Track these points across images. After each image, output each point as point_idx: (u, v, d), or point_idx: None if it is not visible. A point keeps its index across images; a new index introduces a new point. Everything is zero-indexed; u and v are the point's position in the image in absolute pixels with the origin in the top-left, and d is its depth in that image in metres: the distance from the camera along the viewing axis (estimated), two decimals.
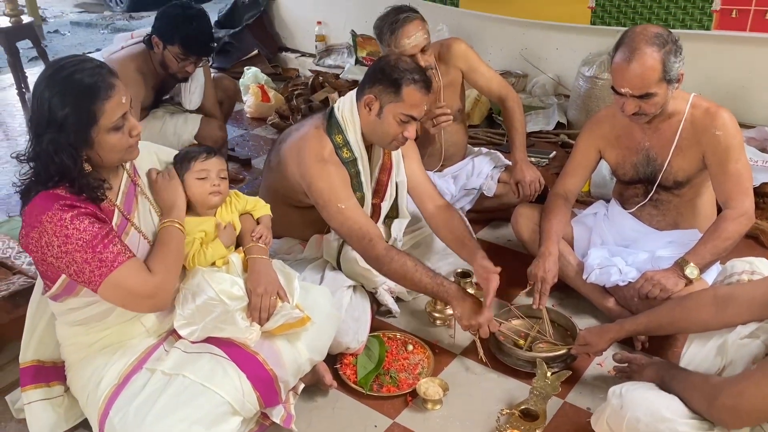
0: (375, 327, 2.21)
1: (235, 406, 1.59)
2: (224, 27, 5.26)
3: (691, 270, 1.98)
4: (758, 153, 3.06)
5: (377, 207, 2.24)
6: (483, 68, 2.76)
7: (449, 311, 2.23)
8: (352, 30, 4.77)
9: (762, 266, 1.71)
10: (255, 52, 5.13)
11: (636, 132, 2.17)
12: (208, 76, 3.21)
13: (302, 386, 1.91)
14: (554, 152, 3.49)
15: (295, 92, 4.41)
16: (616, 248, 2.25)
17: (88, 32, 7.20)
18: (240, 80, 4.56)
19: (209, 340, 1.68)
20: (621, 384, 1.56)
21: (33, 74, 4.50)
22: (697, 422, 1.40)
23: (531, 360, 2.01)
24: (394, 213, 2.33)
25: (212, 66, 5.21)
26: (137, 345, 1.67)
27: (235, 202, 1.85)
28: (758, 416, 1.34)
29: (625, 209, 2.31)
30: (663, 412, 1.42)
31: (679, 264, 2.00)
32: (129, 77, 2.83)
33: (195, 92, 3.14)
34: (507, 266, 2.53)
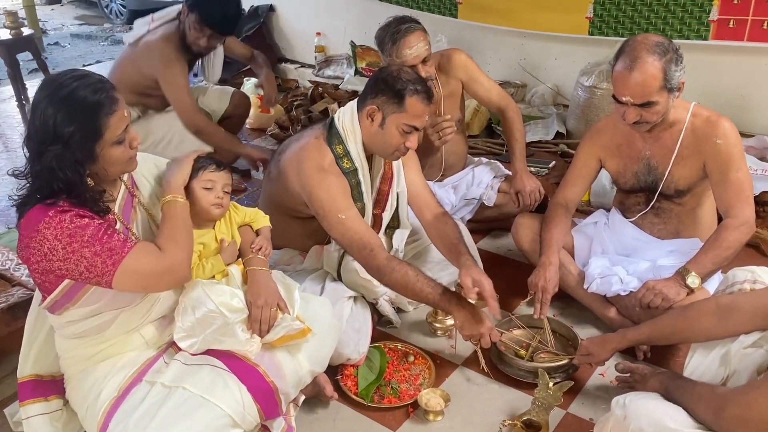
0: (376, 338, 2.20)
1: (236, 419, 1.57)
2: None
3: (693, 279, 1.97)
4: (757, 162, 3.06)
5: (378, 217, 2.24)
6: (483, 79, 2.77)
7: (450, 322, 2.22)
8: (352, 41, 4.79)
9: (764, 275, 1.70)
10: None
11: (637, 141, 2.17)
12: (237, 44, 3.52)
13: (303, 398, 1.90)
14: (554, 162, 3.49)
15: (295, 103, 4.42)
16: (617, 257, 2.25)
17: (89, 44, 7.23)
18: None
19: (209, 352, 1.67)
20: (624, 394, 1.55)
21: (33, 86, 4.52)
22: None
23: (533, 370, 2.00)
24: (396, 223, 2.32)
25: None
26: (137, 357, 1.66)
27: (234, 215, 1.84)
28: (765, 426, 1.32)
29: (626, 218, 2.31)
30: (667, 422, 1.40)
31: (681, 273, 2.00)
32: (170, 57, 3.04)
33: (216, 66, 3.36)
34: (507, 276, 2.54)
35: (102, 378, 1.61)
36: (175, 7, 3.15)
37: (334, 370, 2.04)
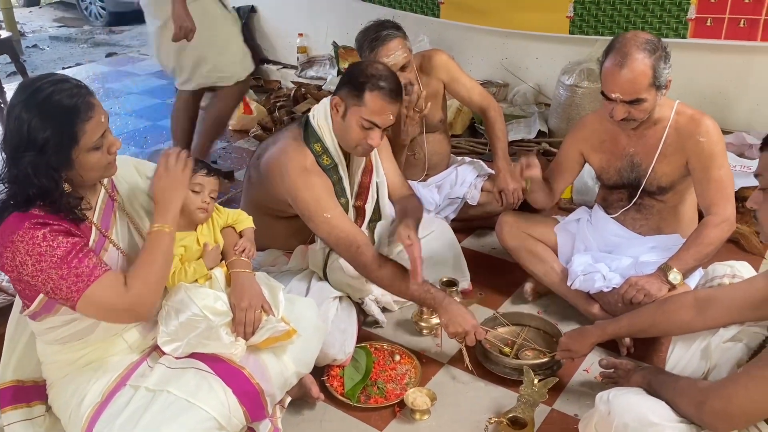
0: (362, 338, 2.20)
1: (221, 422, 1.57)
2: None
3: (675, 275, 1.99)
4: (736, 158, 3.10)
5: (361, 209, 2.23)
6: (464, 79, 2.78)
7: (435, 320, 2.23)
8: (334, 41, 4.78)
9: (743, 270, 1.72)
10: None
11: (621, 137, 2.19)
12: None
13: (289, 399, 1.89)
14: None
15: (278, 104, 4.40)
16: (600, 254, 2.27)
17: (68, 47, 7.14)
18: None
19: (194, 355, 1.66)
20: (608, 390, 1.56)
21: (11, 89, 4.45)
22: (685, 426, 1.40)
23: (518, 368, 2.01)
24: (378, 216, 2.32)
25: None
26: (120, 361, 1.64)
27: (217, 217, 1.83)
28: (747, 419, 1.34)
29: (609, 214, 2.33)
30: (650, 417, 1.42)
31: (663, 269, 2.02)
32: None
33: None
34: (492, 274, 2.56)
35: (85, 383, 1.59)
36: None
37: (320, 371, 2.04)
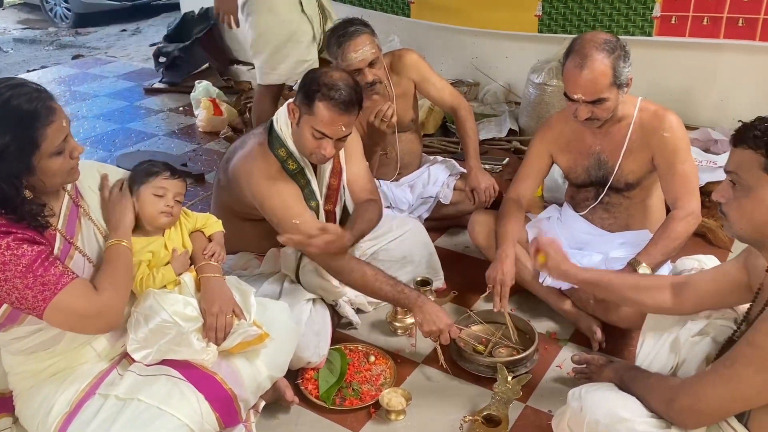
0: (336, 339, 2.19)
1: (194, 429, 1.54)
2: (174, 41, 5.16)
3: (644, 270, 2.02)
4: (702, 153, 3.16)
5: (331, 213, 2.21)
6: (435, 78, 2.78)
7: (410, 320, 2.23)
8: None
9: (710, 264, 1.76)
10: (206, 66, 5.07)
11: (587, 136, 2.22)
12: None
13: (263, 404, 1.88)
14: (507, 159, 3.54)
15: (248, 105, 4.36)
16: (571, 251, 2.27)
17: (33, 49, 7.00)
18: (191, 94, 4.50)
19: (165, 362, 1.64)
20: (580, 386, 1.58)
21: None
22: (655, 421, 1.42)
23: (492, 365, 2.02)
24: (347, 219, 2.31)
25: (162, 81, 5.13)
26: (89, 370, 1.61)
27: (185, 222, 1.80)
28: (714, 416, 1.37)
29: (577, 212, 2.35)
30: (622, 413, 1.43)
31: (632, 264, 2.04)
32: None
33: None
34: (465, 273, 2.57)
35: (53, 393, 1.56)
36: None
37: (295, 374, 2.03)
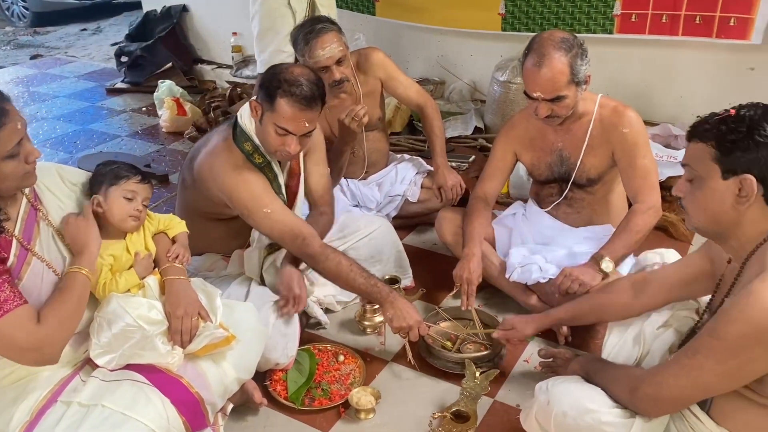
0: (305, 340, 2.18)
1: None
2: (136, 40, 5.09)
3: (607, 264, 2.06)
4: (663, 149, 3.22)
5: None
6: (401, 77, 2.79)
7: (379, 319, 2.23)
8: None
9: (671, 257, 1.80)
10: (169, 65, 5.00)
11: (549, 134, 2.24)
12: None
13: (231, 406, 1.85)
14: (473, 156, 3.56)
15: (213, 104, 4.31)
16: (536, 246, 2.32)
17: None
18: (154, 94, 4.43)
19: (129, 367, 1.61)
20: (547, 380, 1.60)
21: None
22: (620, 411, 1.45)
23: (460, 361, 2.04)
24: None
25: (125, 81, 5.04)
26: (50, 377, 1.57)
27: (148, 224, 1.77)
28: (676, 404, 1.40)
29: (542, 208, 2.38)
30: (587, 404, 1.46)
31: (595, 259, 2.08)
32: None
33: None
34: (433, 270, 2.58)
35: (12, 401, 1.52)
36: None
37: (263, 376, 2.01)
